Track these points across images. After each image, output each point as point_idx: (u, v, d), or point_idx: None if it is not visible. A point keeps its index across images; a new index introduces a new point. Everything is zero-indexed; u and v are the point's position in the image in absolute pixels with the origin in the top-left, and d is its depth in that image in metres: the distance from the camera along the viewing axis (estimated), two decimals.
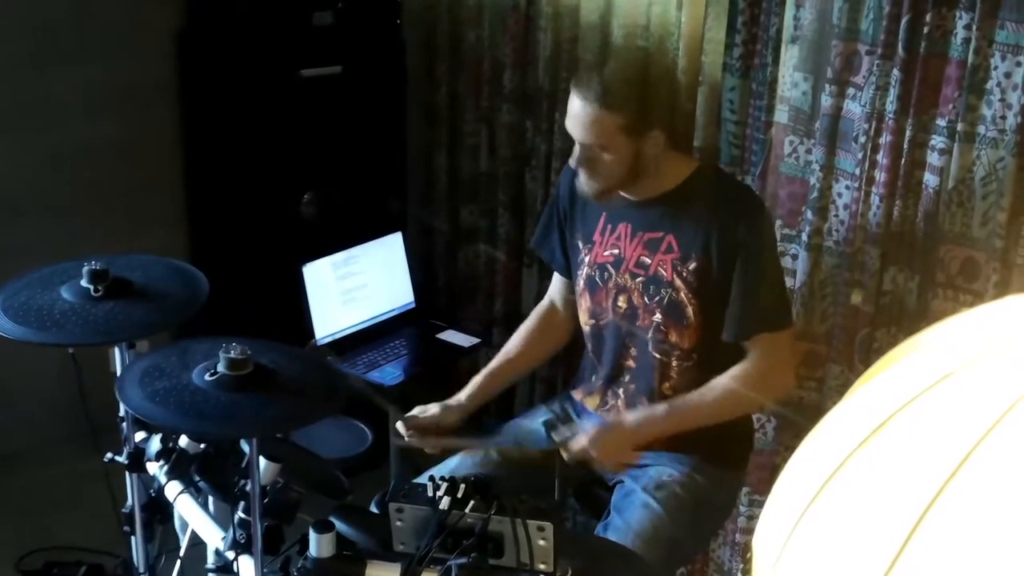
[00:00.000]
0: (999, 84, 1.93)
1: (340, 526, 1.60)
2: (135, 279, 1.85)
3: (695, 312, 1.98)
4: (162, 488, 1.87)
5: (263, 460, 1.62)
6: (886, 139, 2.09)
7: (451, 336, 2.88)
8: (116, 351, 1.94)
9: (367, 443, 2.71)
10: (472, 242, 3.25)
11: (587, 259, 2.10)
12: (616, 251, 2.06)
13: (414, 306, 2.95)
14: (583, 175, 1.98)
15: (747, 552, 2.52)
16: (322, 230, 3.00)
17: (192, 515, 1.82)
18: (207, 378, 1.55)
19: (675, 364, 2.03)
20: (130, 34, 3.03)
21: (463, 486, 1.50)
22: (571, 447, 1.96)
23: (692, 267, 1.96)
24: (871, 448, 0.60)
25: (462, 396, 2.17)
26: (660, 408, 2.00)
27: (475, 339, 2.88)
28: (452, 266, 3.33)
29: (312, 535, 1.55)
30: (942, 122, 2.02)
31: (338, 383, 1.72)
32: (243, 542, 1.65)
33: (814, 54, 2.20)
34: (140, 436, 1.95)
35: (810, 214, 2.25)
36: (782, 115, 2.30)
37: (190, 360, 1.61)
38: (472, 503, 1.49)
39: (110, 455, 1.96)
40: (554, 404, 2.27)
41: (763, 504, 0.67)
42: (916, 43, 2.02)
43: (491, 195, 3.15)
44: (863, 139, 2.13)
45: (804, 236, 2.27)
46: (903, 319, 2.16)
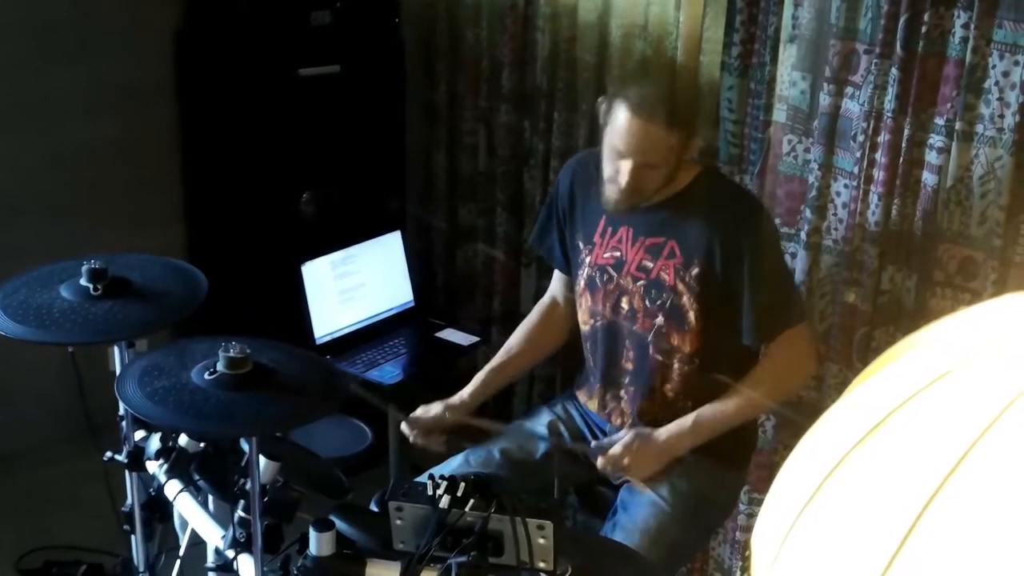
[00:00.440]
0: (997, 83, 1.93)
1: (340, 525, 1.60)
2: (134, 278, 1.85)
3: (697, 316, 1.98)
4: (162, 487, 1.87)
5: (263, 459, 1.62)
6: (884, 138, 2.09)
7: (450, 335, 2.88)
8: (115, 350, 1.94)
9: (367, 442, 2.71)
10: (471, 241, 3.25)
11: (587, 260, 2.10)
12: (617, 254, 2.05)
13: (413, 305, 2.95)
14: (618, 189, 1.95)
15: (746, 550, 2.52)
16: (321, 229, 3.00)
17: (192, 514, 1.82)
18: (206, 377, 1.55)
19: (676, 366, 2.03)
20: (129, 34, 3.03)
21: (463, 485, 1.50)
22: (608, 456, 1.99)
23: (695, 273, 1.96)
24: (869, 446, 0.61)
25: (464, 394, 2.17)
26: (688, 420, 2.01)
27: (474, 338, 2.88)
28: (451, 265, 3.33)
29: (312, 534, 1.55)
30: (940, 121, 2.02)
31: (337, 382, 1.72)
32: (243, 541, 1.65)
33: (812, 53, 2.21)
34: (140, 435, 1.95)
35: (808, 213, 2.25)
36: (780, 114, 2.30)
37: (189, 359, 1.61)
38: (472, 502, 1.49)
39: (109, 454, 1.96)
40: (556, 405, 2.27)
41: (762, 502, 0.67)
42: (914, 42, 2.02)
43: (490, 194, 3.15)
44: (861, 138, 2.14)
45: (803, 235, 2.27)
46: (901, 318, 2.16)
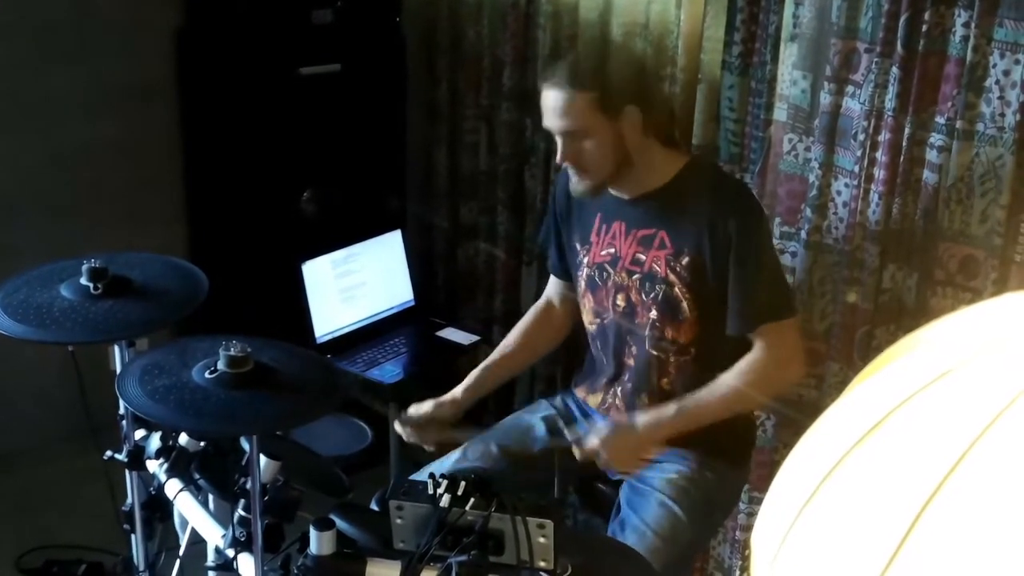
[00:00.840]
0: (998, 82, 1.93)
1: (340, 524, 1.60)
2: (135, 277, 1.85)
3: (690, 307, 1.98)
4: (162, 486, 1.88)
5: (263, 458, 1.62)
6: (885, 137, 2.09)
7: (451, 334, 2.88)
8: (116, 349, 1.94)
9: (367, 441, 2.71)
10: (471, 240, 3.25)
11: (586, 260, 2.10)
12: (612, 250, 2.06)
13: (413, 304, 2.95)
14: (572, 173, 1.99)
15: (746, 549, 2.52)
16: (321, 228, 3.00)
17: (192, 513, 1.82)
18: (207, 376, 1.55)
19: (672, 360, 2.03)
20: (130, 33, 3.03)
21: (463, 484, 1.50)
22: (583, 447, 1.97)
23: (685, 262, 1.96)
24: (869, 446, 0.61)
25: (457, 391, 2.18)
26: (670, 408, 1.99)
27: (475, 337, 2.88)
28: (451, 264, 3.33)
29: (312, 533, 1.55)
30: (941, 120, 2.02)
31: (337, 381, 1.72)
32: (243, 540, 1.65)
33: (813, 52, 2.20)
34: (140, 434, 1.95)
35: (809, 212, 2.25)
36: (781, 113, 2.30)
37: (190, 358, 1.61)
38: (472, 501, 1.49)
39: (110, 453, 1.96)
40: (556, 400, 2.28)
41: (762, 501, 0.67)
42: (915, 41, 2.02)
43: (490, 193, 3.15)
44: (862, 137, 2.13)
45: (803, 234, 2.27)
46: (902, 317, 2.16)
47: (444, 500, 1.49)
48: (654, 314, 2.01)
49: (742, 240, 1.92)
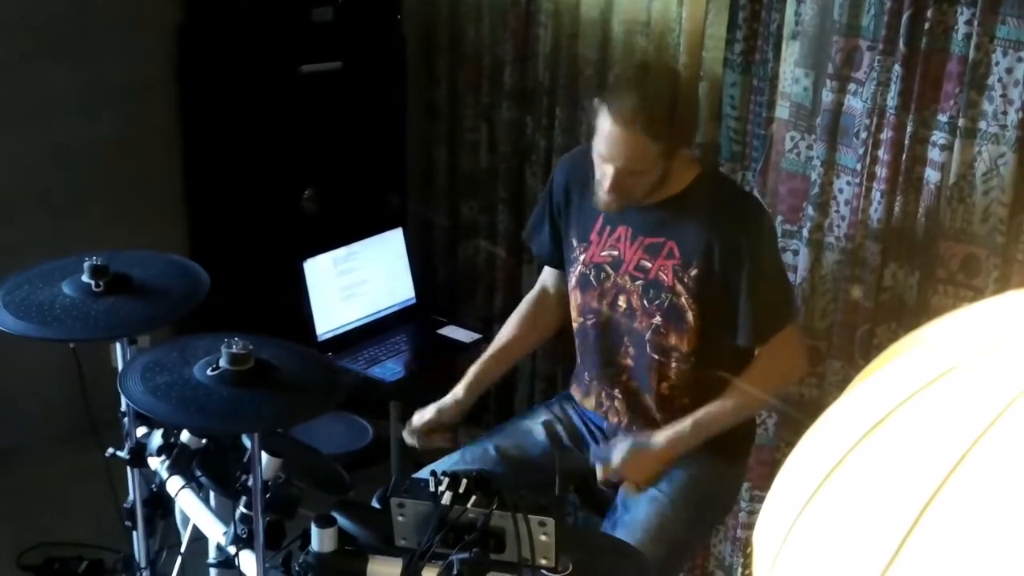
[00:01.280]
0: (1000, 80, 1.93)
1: (342, 521, 1.60)
2: (136, 275, 1.85)
3: (695, 316, 1.98)
4: (163, 483, 1.88)
5: (264, 455, 1.62)
6: (887, 135, 2.09)
7: (452, 332, 2.88)
8: (117, 346, 1.94)
9: (368, 438, 2.72)
10: (472, 238, 3.25)
11: (582, 257, 2.09)
12: (615, 253, 2.05)
13: (414, 302, 2.95)
14: (611, 192, 1.95)
15: (747, 547, 2.52)
16: (322, 226, 3.00)
17: (193, 510, 1.83)
18: (209, 373, 1.55)
19: (673, 365, 2.03)
20: (130, 30, 3.03)
21: (464, 481, 1.50)
22: (607, 469, 2.00)
23: (693, 273, 1.96)
24: (871, 444, 0.60)
25: (458, 390, 2.17)
26: (686, 424, 2.00)
27: (476, 335, 2.88)
28: (452, 262, 3.33)
29: (314, 530, 1.55)
30: (943, 118, 2.02)
31: (339, 379, 1.72)
32: (245, 537, 1.65)
33: (815, 50, 2.20)
34: (141, 431, 1.95)
35: (811, 210, 2.25)
36: (783, 111, 2.30)
37: (191, 355, 1.61)
38: (474, 498, 1.49)
39: (111, 450, 1.96)
40: (553, 405, 2.27)
41: (763, 500, 0.67)
42: (917, 39, 2.02)
43: (491, 191, 3.15)
44: (864, 135, 2.13)
45: (805, 232, 2.27)
46: (903, 315, 2.16)
47: (446, 498, 1.49)
48: (658, 320, 2.00)
49: (754, 255, 1.92)
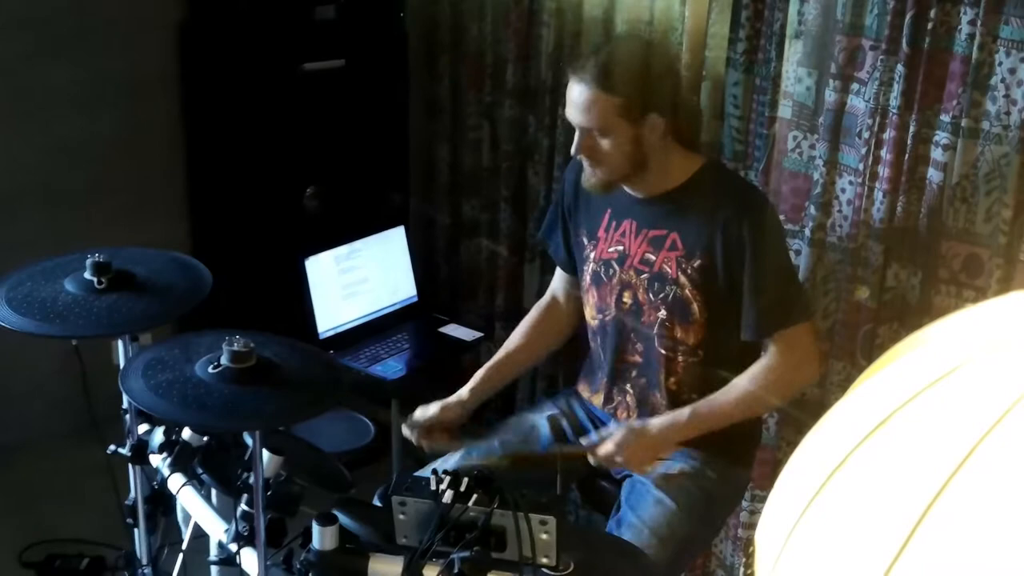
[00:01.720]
0: (1003, 80, 1.93)
1: (343, 519, 1.60)
2: (138, 272, 1.85)
3: (700, 309, 1.97)
4: (165, 480, 1.88)
5: (266, 453, 1.62)
6: (889, 134, 2.09)
7: (453, 330, 2.88)
8: (119, 343, 1.95)
9: (369, 436, 2.72)
10: (474, 236, 3.25)
11: (592, 255, 2.10)
12: (621, 247, 2.05)
13: (416, 300, 2.95)
14: (586, 165, 1.98)
15: (749, 547, 2.52)
16: (324, 224, 3.00)
17: (195, 508, 1.83)
18: (210, 371, 1.55)
19: (680, 360, 2.03)
20: (132, 27, 3.03)
21: (466, 480, 1.50)
22: (598, 451, 1.98)
23: (697, 265, 1.95)
24: (873, 444, 0.60)
25: (464, 392, 2.17)
26: (684, 412, 1.99)
27: (477, 333, 2.88)
28: (454, 260, 3.33)
29: (315, 528, 1.55)
30: (946, 118, 2.01)
31: (340, 377, 1.72)
32: (246, 535, 1.65)
33: (818, 49, 2.20)
34: (143, 428, 1.95)
35: (813, 209, 2.25)
36: (785, 110, 2.30)
37: (193, 353, 1.61)
38: (475, 497, 1.49)
39: (113, 447, 1.96)
40: (559, 400, 2.27)
41: (765, 499, 0.67)
42: (920, 38, 2.01)
43: (493, 189, 3.15)
44: (866, 134, 2.13)
45: (807, 231, 2.27)
46: (906, 315, 2.16)
47: (447, 496, 1.49)
48: (663, 314, 2.00)
49: (757, 246, 1.91)
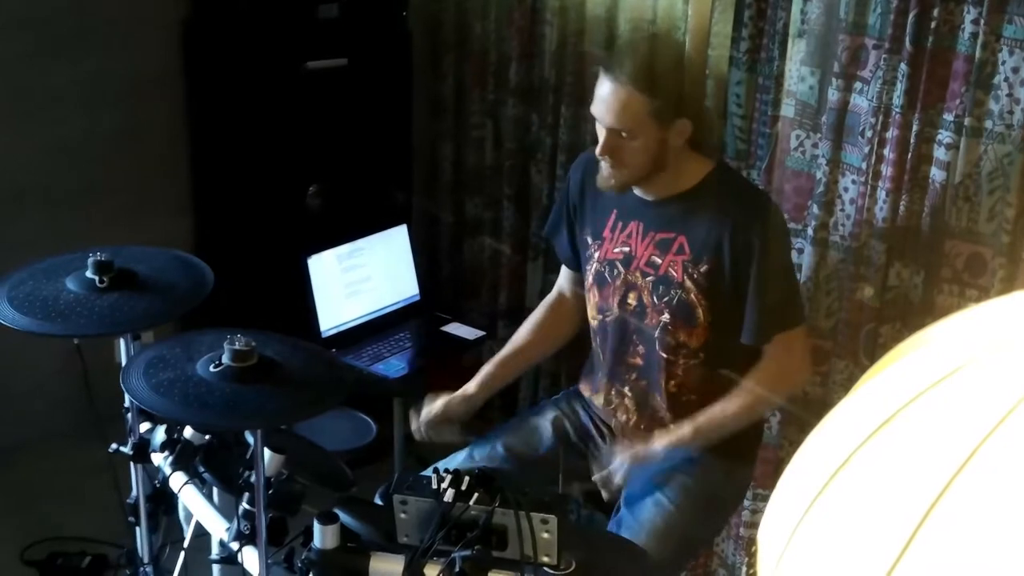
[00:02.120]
0: (1007, 79, 1.92)
1: (344, 518, 1.60)
2: (140, 270, 1.85)
3: (704, 313, 1.97)
4: (167, 479, 1.88)
5: (267, 451, 1.62)
6: (893, 134, 2.08)
7: (455, 329, 2.88)
8: (121, 342, 1.95)
9: (371, 435, 2.72)
10: (477, 235, 3.25)
11: (596, 255, 2.09)
12: (627, 249, 2.04)
13: (418, 299, 2.95)
14: (605, 165, 1.96)
15: (751, 546, 2.52)
16: (327, 222, 3.00)
17: (196, 506, 1.83)
18: (212, 369, 1.55)
19: (682, 362, 2.02)
20: (135, 24, 3.03)
21: (467, 479, 1.50)
22: (603, 480, 1.98)
23: (703, 269, 1.95)
24: (876, 443, 0.60)
25: (470, 386, 2.17)
26: (686, 429, 1.99)
27: (479, 332, 2.88)
28: (457, 259, 3.33)
29: (316, 526, 1.55)
30: (949, 117, 2.01)
31: (342, 375, 1.72)
32: (247, 533, 1.65)
33: (821, 48, 2.20)
34: (145, 427, 1.95)
35: (816, 208, 2.25)
36: (788, 109, 2.29)
37: (195, 351, 1.61)
38: (476, 496, 1.49)
39: (115, 446, 1.96)
40: (561, 401, 2.26)
41: (767, 498, 0.67)
42: (923, 37, 2.01)
43: (496, 188, 3.15)
44: (869, 133, 2.13)
45: (810, 230, 2.27)
46: (908, 314, 2.16)
47: (448, 495, 1.49)
48: (666, 317, 2.00)
49: (764, 252, 1.91)
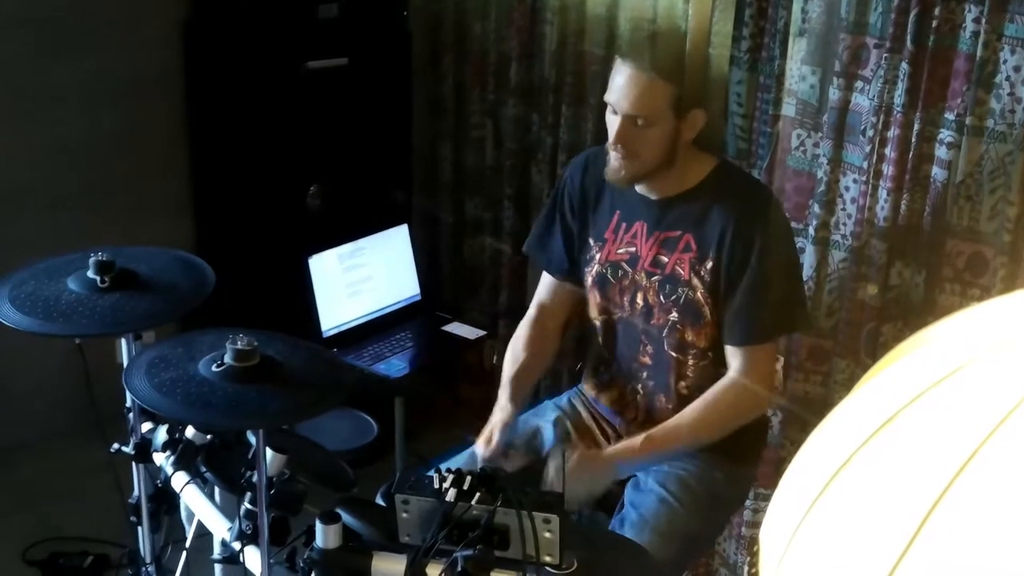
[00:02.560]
0: (1008, 78, 1.92)
1: (346, 517, 1.60)
2: (141, 270, 1.85)
3: (711, 312, 1.96)
4: (168, 479, 1.88)
5: (269, 451, 1.62)
6: (894, 133, 2.08)
7: (456, 328, 2.88)
8: (122, 342, 1.95)
9: (372, 435, 2.72)
10: (477, 235, 3.25)
11: (598, 256, 2.08)
12: (632, 249, 2.03)
13: (419, 299, 2.95)
14: (616, 156, 1.93)
15: (753, 546, 2.52)
16: (328, 222, 3.00)
17: (198, 506, 1.83)
18: (213, 369, 1.55)
19: (691, 362, 2.02)
20: (136, 24, 3.03)
21: (469, 478, 1.50)
22: (546, 479, 1.91)
23: (709, 267, 1.94)
24: (878, 443, 0.60)
25: (507, 407, 2.05)
26: (637, 440, 1.96)
27: (480, 332, 2.88)
28: (457, 258, 3.33)
29: (318, 526, 1.55)
30: (950, 116, 2.01)
31: (344, 375, 1.72)
32: (249, 533, 1.65)
33: (822, 47, 2.20)
34: (146, 427, 1.95)
35: (817, 208, 2.25)
36: (789, 108, 2.29)
37: (196, 351, 1.61)
38: (478, 495, 1.49)
39: (116, 446, 1.96)
40: (562, 400, 2.26)
41: (769, 498, 0.67)
42: (924, 36, 2.01)
43: (496, 188, 3.15)
44: (871, 133, 2.13)
45: (811, 230, 2.26)
46: (909, 313, 2.15)
47: (450, 494, 1.49)
48: (675, 316, 1.99)
49: (765, 249, 1.90)
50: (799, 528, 0.61)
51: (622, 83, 1.89)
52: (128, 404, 1.94)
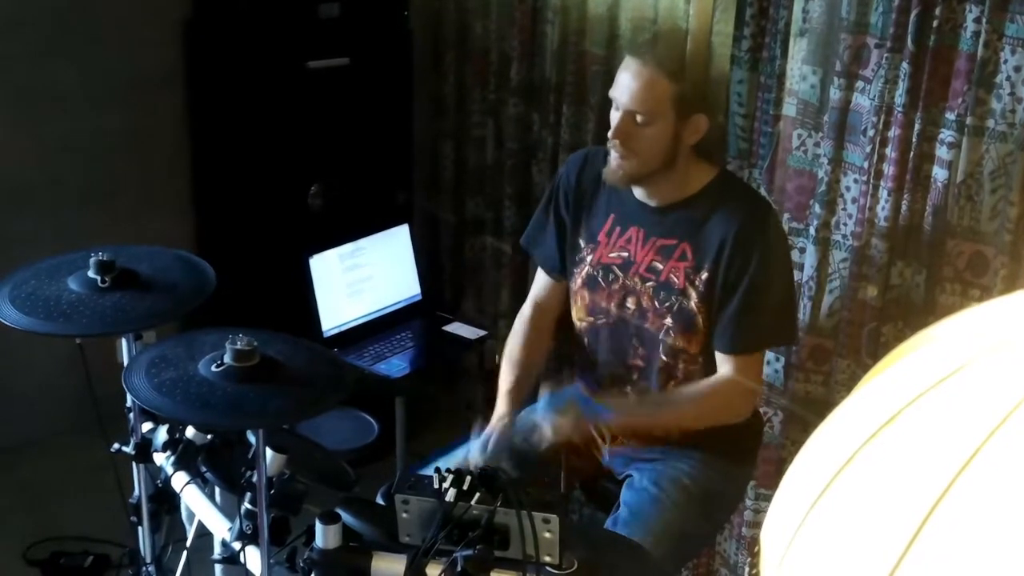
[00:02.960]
0: (1009, 78, 1.92)
1: (346, 517, 1.60)
2: (142, 270, 1.85)
3: (704, 320, 1.97)
4: (169, 479, 1.88)
5: (269, 451, 1.62)
6: (895, 132, 2.08)
7: (457, 328, 2.88)
8: (123, 342, 1.95)
9: (373, 435, 2.72)
10: (478, 234, 3.25)
11: (589, 258, 2.08)
12: (625, 254, 2.03)
13: (420, 298, 2.95)
14: (615, 155, 1.93)
15: (754, 546, 2.52)
16: (329, 222, 3.01)
17: (199, 506, 1.83)
18: (214, 369, 1.55)
19: (682, 367, 2.02)
20: (138, 24, 3.03)
21: (469, 478, 1.50)
22: (540, 444, 1.96)
23: (704, 277, 1.94)
24: (879, 443, 0.60)
25: (505, 413, 2.08)
26: (632, 399, 2.01)
27: (481, 331, 2.88)
28: (458, 258, 3.33)
29: (318, 526, 1.55)
30: (951, 116, 2.01)
31: (344, 375, 1.72)
32: (249, 533, 1.65)
33: (823, 47, 2.20)
34: (147, 427, 1.95)
35: (818, 207, 2.24)
36: (790, 108, 2.29)
37: (197, 351, 1.61)
38: (478, 495, 1.49)
39: (117, 446, 1.96)
40: (563, 399, 2.25)
41: (770, 498, 0.67)
42: (925, 36, 2.01)
43: (497, 187, 3.15)
44: (871, 132, 2.13)
45: (811, 229, 2.26)
46: (910, 313, 2.15)
47: (450, 494, 1.49)
48: (668, 322, 1.99)
49: (762, 261, 1.90)
50: (800, 528, 0.61)
51: (625, 78, 1.91)
52: (128, 404, 1.95)
